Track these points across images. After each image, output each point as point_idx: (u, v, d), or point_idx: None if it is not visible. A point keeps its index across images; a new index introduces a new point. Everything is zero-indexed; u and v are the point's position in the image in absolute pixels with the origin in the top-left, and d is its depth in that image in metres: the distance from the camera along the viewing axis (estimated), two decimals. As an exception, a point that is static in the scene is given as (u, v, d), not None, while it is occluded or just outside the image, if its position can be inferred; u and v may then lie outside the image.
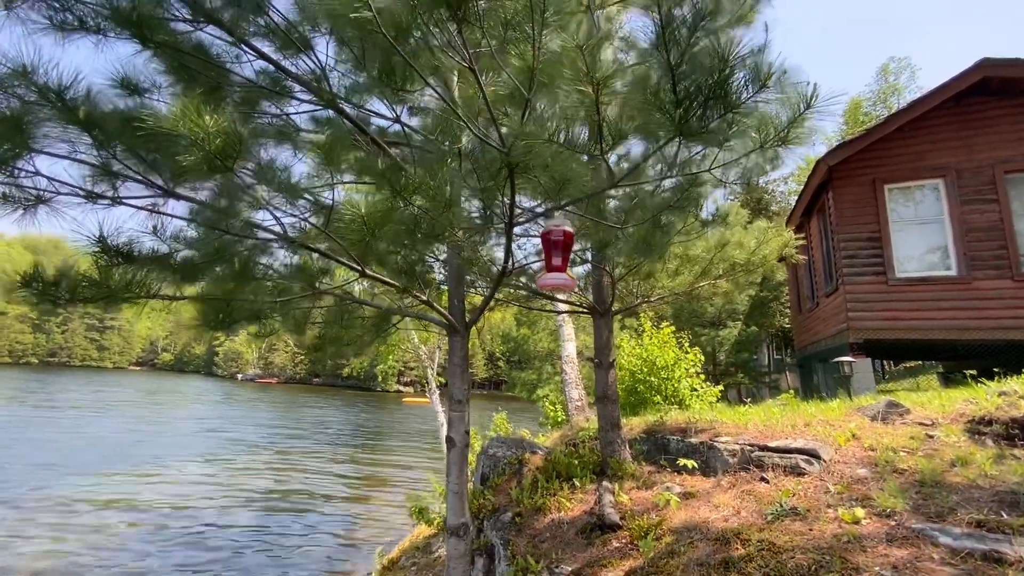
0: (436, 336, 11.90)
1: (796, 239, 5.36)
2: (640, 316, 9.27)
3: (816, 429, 4.25)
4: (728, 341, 15.46)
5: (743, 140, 1.83)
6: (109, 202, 2.05)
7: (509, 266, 2.92)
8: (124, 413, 26.13)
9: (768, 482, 3.65)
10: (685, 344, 8.69)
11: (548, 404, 11.27)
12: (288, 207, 2.73)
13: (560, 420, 10.09)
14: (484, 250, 3.99)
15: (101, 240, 2.02)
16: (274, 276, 2.99)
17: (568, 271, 2.96)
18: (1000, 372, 5.44)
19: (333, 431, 24.77)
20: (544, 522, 4.16)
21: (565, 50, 1.72)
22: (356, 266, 2.79)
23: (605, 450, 4.78)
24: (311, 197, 2.67)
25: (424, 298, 3.30)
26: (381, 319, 4.04)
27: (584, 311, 5.23)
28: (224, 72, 2.69)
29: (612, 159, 2.65)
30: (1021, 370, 5.01)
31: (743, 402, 7.61)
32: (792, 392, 7.53)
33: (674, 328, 8.71)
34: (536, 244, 4.93)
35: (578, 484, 4.56)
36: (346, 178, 3.52)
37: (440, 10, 1.85)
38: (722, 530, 3.11)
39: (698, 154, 2.70)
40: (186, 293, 2.66)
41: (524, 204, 3.47)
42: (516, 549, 3.94)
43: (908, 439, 3.78)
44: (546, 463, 5.16)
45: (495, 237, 3.70)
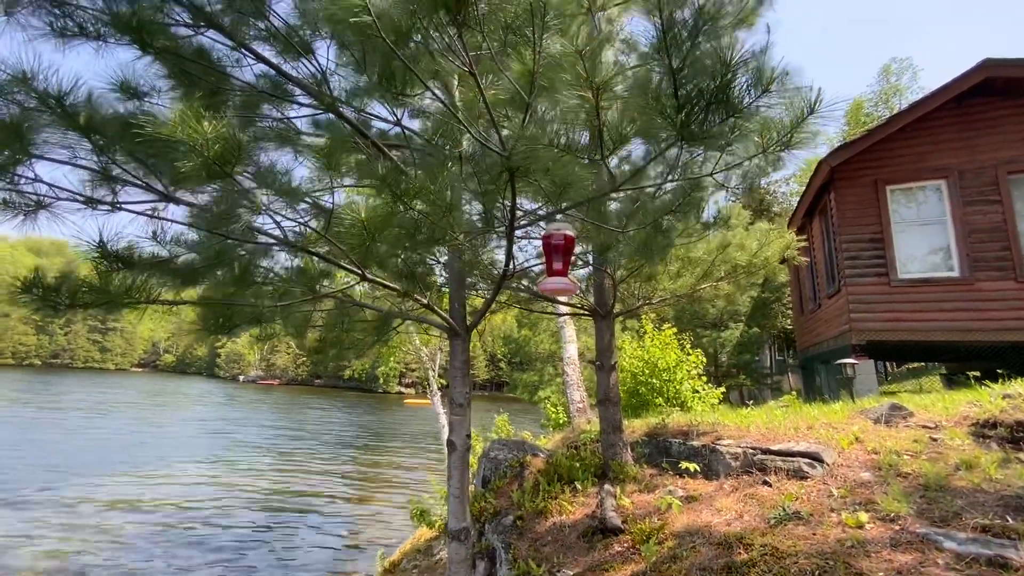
0: (437, 338, 11.90)
1: (798, 240, 5.34)
2: (642, 318, 9.25)
3: (819, 432, 4.23)
4: (730, 343, 15.43)
5: (745, 144, 1.82)
6: (108, 207, 2.05)
7: (510, 269, 2.91)
8: (127, 415, 26.19)
9: (771, 486, 3.63)
10: (687, 346, 8.66)
11: (549, 406, 11.26)
12: (289, 211, 2.73)
13: (562, 422, 10.06)
14: (485, 253, 3.98)
15: (101, 246, 2.02)
16: (275, 279, 2.98)
17: (569, 274, 2.95)
18: (1004, 374, 5.41)
19: (335, 432, 24.79)
20: (546, 525, 4.15)
21: (565, 55, 1.71)
22: (357, 270, 2.78)
23: (607, 453, 4.77)
24: (311, 201, 2.67)
25: (425, 301, 3.29)
26: (382, 322, 4.03)
27: (586, 313, 5.22)
28: (225, 76, 2.69)
29: (613, 162, 2.64)
30: (1025, 372, 4.98)
31: (745, 404, 7.59)
32: (794, 394, 7.51)
33: (676, 330, 8.69)
34: (537, 246, 4.92)
35: (580, 487, 4.55)
36: (347, 181, 3.52)
37: (440, 14, 1.84)
38: (725, 534, 3.09)
39: (699, 156, 2.69)
40: (186, 297, 2.66)
41: (525, 207, 3.46)
42: (517, 553, 3.92)
43: (912, 442, 3.76)
44: (547, 466, 5.14)
45: (496, 240, 3.69)
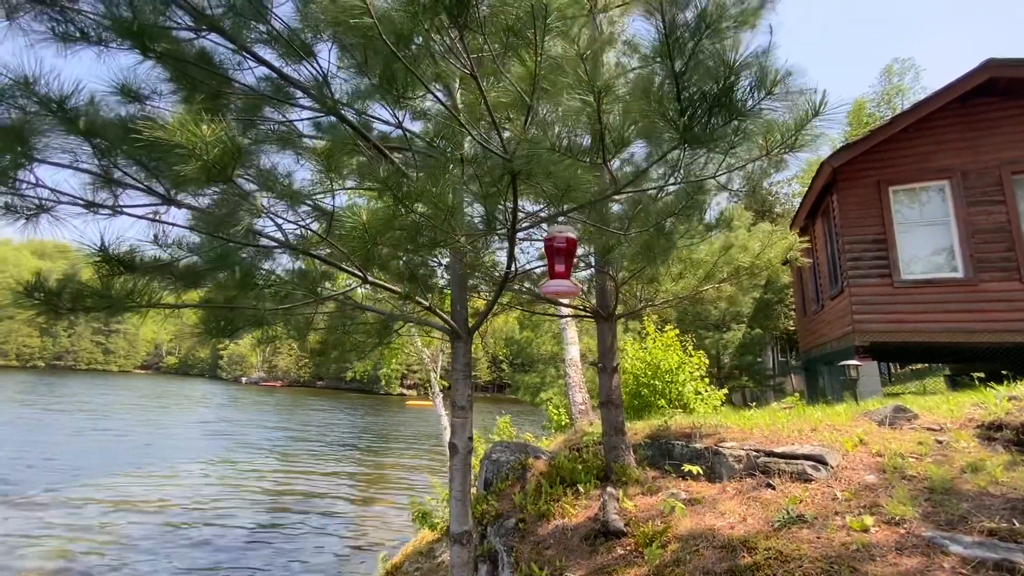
0: (439, 340, 11.89)
1: (801, 242, 5.31)
2: (644, 320, 9.23)
3: (823, 434, 4.21)
4: (732, 344, 15.38)
5: (748, 146, 1.81)
6: (110, 211, 2.05)
7: (512, 271, 2.90)
8: (131, 416, 26.27)
9: (774, 488, 3.61)
10: (689, 347, 8.64)
11: (552, 408, 11.24)
12: (290, 214, 2.73)
13: (564, 424, 10.04)
14: (487, 255, 3.97)
15: (102, 250, 2.02)
16: (276, 282, 2.98)
17: (571, 277, 2.94)
18: (1008, 375, 5.38)
19: (337, 434, 24.80)
20: (548, 528, 4.13)
21: (566, 58, 1.70)
22: (358, 272, 2.78)
23: (609, 455, 4.75)
24: (312, 203, 2.67)
25: (427, 304, 3.28)
26: (384, 324, 4.03)
27: (588, 315, 5.20)
28: (226, 80, 2.69)
29: (615, 164, 2.63)
30: (1030, 373, 4.95)
31: (748, 406, 7.56)
32: (797, 395, 7.48)
33: (678, 331, 8.67)
34: (539, 248, 4.91)
35: (582, 490, 4.53)
36: (349, 184, 3.52)
37: (441, 16, 1.84)
38: (728, 538, 3.07)
39: (702, 158, 2.68)
40: (188, 300, 2.66)
41: (527, 209, 3.45)
42: (520, 556, 3.91)
43: (916, 444, 3.73)
44: (550, 468, 5.13)
45: (498, 242, 3.68)
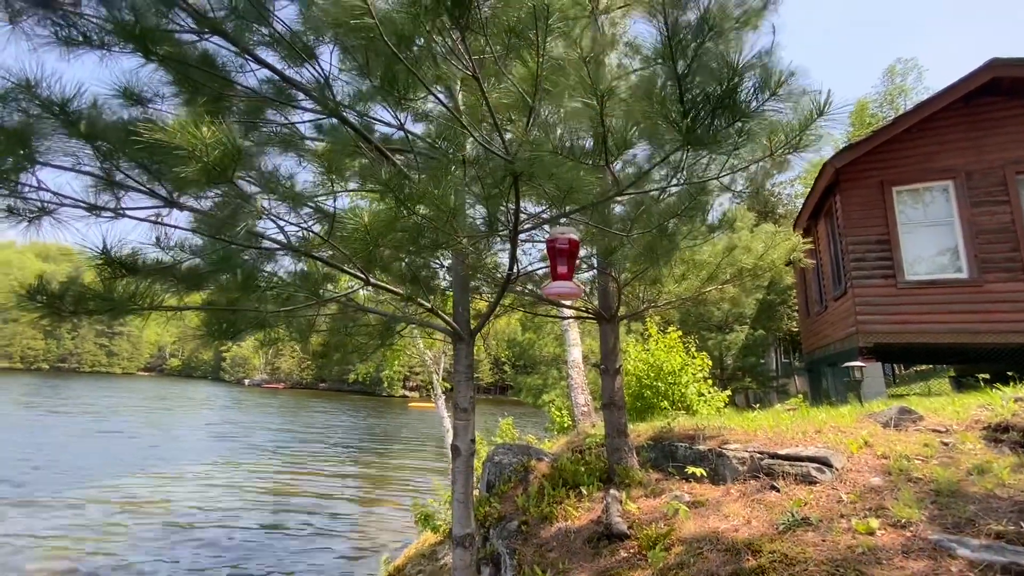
0: (441, 342, 11.89)
1: (804, 243, 5.30)
2: (646, 321, 9.21)
3: (827, 436, 4.18)
4: (735, 345, 15.32)
5: (752, 147, 1.80)
6: (112, 214, 2.06)
7: (514, 273, 2.89)
8: (135, 418, 26.36)
9: (779, 491, 3.58)
10: (692, 349, 8.61)
11: (554, 409, 11.22)
12: (292, 216, 2.73)
13: (566, 426, 10.02)
14: (489, 257, 3.97)
15: (105, 253, 2.02)
16: (278, 284, 2.98)
17: (574, 278, 2.93)
18: (1014, 376, 5.34)
19: (340, 436, 24.82)
20: (551, 531, 4.12)
21: (569, 60, 1.69)
22: (360, 274, 2.78)
23: (612, 457, 4.73)
24: (314, 205, 2.66)
25: (428, 306, 3.28)
26: (386, 326, 4.03)
27: (590, 317, 5.19)
28: (228, 82, 2.70)
29: (617, 166, 2.62)
30: (1036, 374, 4.92)
31: (751, 407, 7.53)
32: (801, 397, 7.44)
33: (681, 333, 8.64)
34: (541, 249, 4.91)
35: (585, 492, 4.51)
36: (351, 186, 3.52)
37: (443, 18, 1.83)
38: (732, 540, 3.05)
39: (704, 158, 2.67)
40: (190, 303, 2.66)
41: (529, 210, 3.44)
42: (523, 558, 3.89)
43: (922, 446, 3.71)
44: (552, 470, 5.11)
45: (500, 244, 3.68)
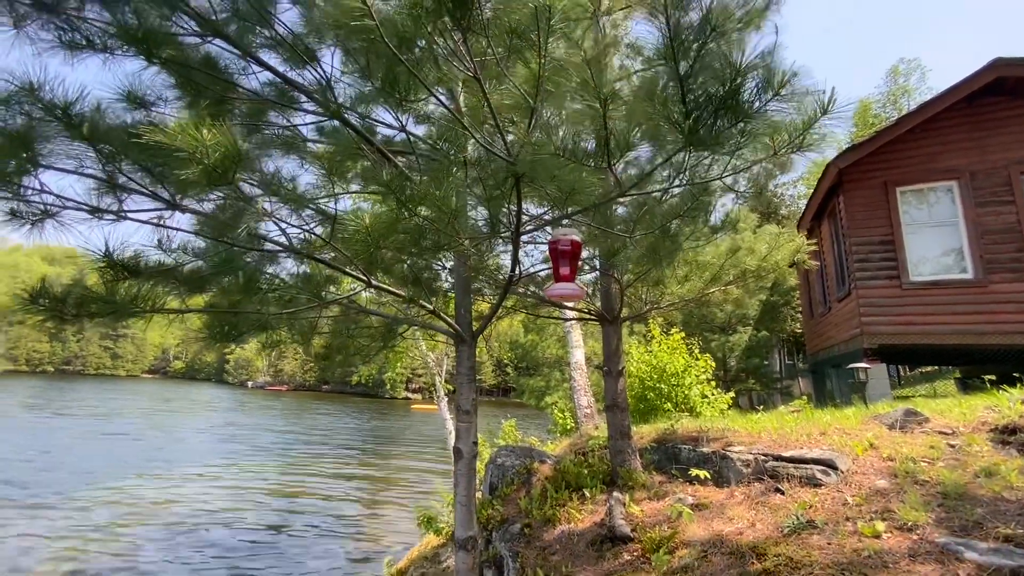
0: (444, 344, 11.89)
1: (808, 244, 5.27)
2: (649, 322, 9.18)
3: (832, 438, 4.15)
4: (739, 347, 15.27)
5: (754, 147, 1.79)
6: (114, 216, 2.06)
7: (516, 274, 2.88)
8: (140, 420, 26.45)
9: (783, 493, 3.56)
10: (695, 350, 8.58)
11: (557, 411, 11.19)
12: (294, 218, 2.73)
13: (569, 428, 9.99)
14: (491, 258, 3.96)
15: (107, 255, 2.03)
16: (280, 286, 2.98)
17: (576, 280, 2.92)
18: (1021, 378, 5.29)
19: (344, 437, 24.83)
20: (554, 534, 4.10)
21: (571, 62, 1.69)
22: (362, 276, 2.77)
23: (615, 459, 4.71)
24: (315, 208, 2.67)
25: (430, 307, 3.27)
26: (388, 328, 4.03)
27: (593, 318, 5.17)
28: (231, 84, 2.70)
29: (619, 167, 2.61)
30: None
31: (755, 409, 7.50)
32: (805, 398, 7.41)
33: (684, 334, 8.61)
34: (544, 250, 4.90)
35: (588, 494, 4.49)
36: (353, 188, 3.52)
37: (444, 19, 1.83)
38: (737, 544, 3.03)
39: (707, 159, 2.66)
40: (192, 305, 2.66)
41: (531, 211, 3.44)
42: (525, 561, 3.87)
43: (928, 448, 3.68)
44: (555, 473, 5.09)
45: (502, 245, 3.67)
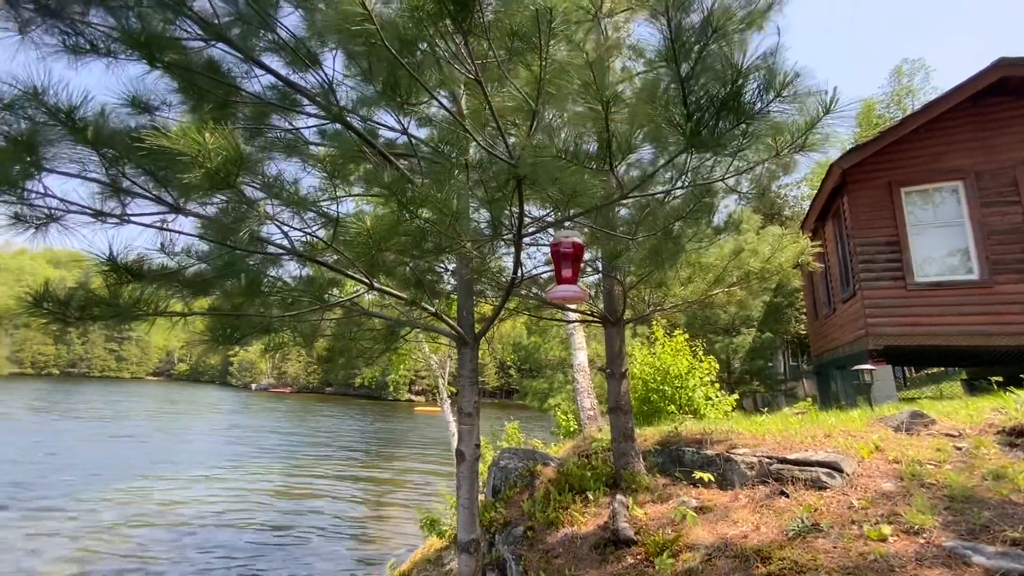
0: (447, 346, 11.89)
1: (812, 245, 5.24)
2: (652, 324, 9.15)
3: (837, 440, 4.12)
4: (743, 348, 15.20)
5: (756, 148, 1.78)
6: (117, 220, 2.07)
7: (518, 276, 2.88)
8: (145, 423, 26.58)
9: (788, 496, 3.53)
10: (699, 352, 8.54)
11: (560, 413, 11.16)
12: (296, 221, 2.74)
13: (572, 430, 9.97)
14: (493, 261, 3.96)
15: (111, 259, 2.04)
16: (283, 289, 2.98)
17: (579, 281, 2.91)
18: (1028, 379, 5.24)
19: (348, 440, 24.86)
20: (557, 537, 4.08)
21: (573, 64, 1.69)
22: (364, 279, 2.78)
23: (618, 462, 4.69)
24: (317, 211, 2.67)
25: (433, 310, 3.27)
26: (390, 330, 4.03)
27: (596, 320, 5.16)
28: (233, 88, 2.71)
29: (621, 168, 2.61)
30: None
31: (759, 411, 7.46)
32: (810, 400, 7.36)
33: (687, 336, 8.58)
34: (546, 252, 4.89)
35: (591, 497, 4.47)
36: (355, 190, 3.53)
37: (445, 22, 1.83)
38: (742, 547, 3.01)
39: (709, 160, 2.65)
40: (195, 308, 2.67)
41: (533, 213, 3.44)
42: (528, 564, 3.86)
43: (935, 451, 3.64)
44: (558, 475, 5.08)
45: (504, 247, 3.67)
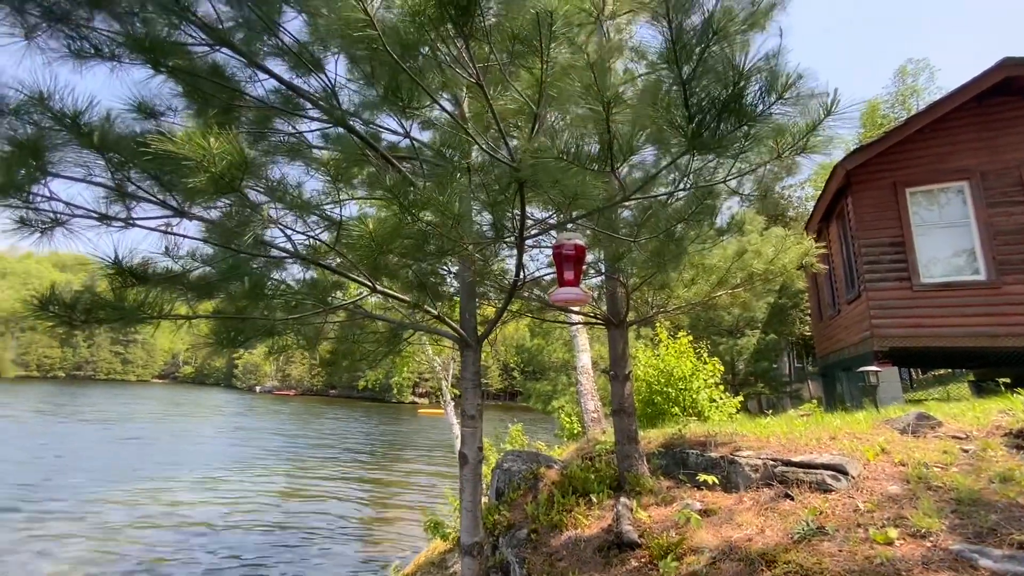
0: (450, 348, 11.90)
1: (816, 247, 5.22)
2: (656, 326, 9.13)
3: (842, 443, 4.10)
4: (747, 350, 15.13)
5: (759, 150, 1.77)
6: (122, 224, 2.09)
7: (521, 279, 2.88)
8: (151, 425, 26.72)
9: (793, 499, 3.51)
10: (703, 354, 8.51)
11: (564, 416, 11.13)
12: (300, 224, 2.75)
13: (576, 432, 9.94)
14: (495, 263, 3.96)
15: (116, 262, 2.05)
16: (287, 292, 2.99)
17: (581, 284, 2.91)
18: (1036, 381, 5.20)
19: (352, 442, 24.90)
20: (560, 539, 4.07)
21: (574, 66, 1.69)
22: (367, 282, 2.78)
23: (622, 464, 4.67)
24: (321, 213, 2.68)
25: (435, 312, 3.28)
26: (393, 333, 4.03)
27: (599, 322, 5.15)
28: (237, 93, 2.73)
29: (623, 170, 2.61)
30: (1059, 379, 4.78)
31: (764, 413, 7.42)
32: (815, 402, 7.32)
33: (691, 338, 8.55)
34: (549, 254, 4.89)
35: (595, 500, 4.46)
36: (358, 194, 3.54)
37: (447, 26, 1.84)
38: (746, 550, 2.99)
39: (712, 162, 2.65)
40: (200, 311, 2.68)
41: (535, 216, 3.44)
42: (532, 567, 3.85)
43: (941, 453, 3.62)
44: (562, 478, 5.06)
45: (506, 250, 3.67)
